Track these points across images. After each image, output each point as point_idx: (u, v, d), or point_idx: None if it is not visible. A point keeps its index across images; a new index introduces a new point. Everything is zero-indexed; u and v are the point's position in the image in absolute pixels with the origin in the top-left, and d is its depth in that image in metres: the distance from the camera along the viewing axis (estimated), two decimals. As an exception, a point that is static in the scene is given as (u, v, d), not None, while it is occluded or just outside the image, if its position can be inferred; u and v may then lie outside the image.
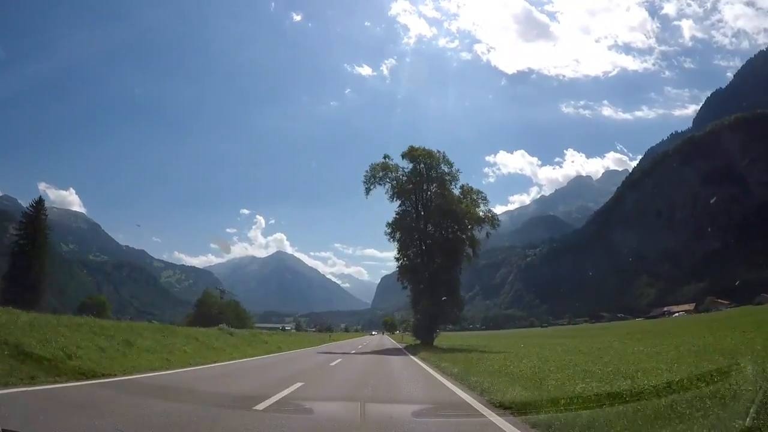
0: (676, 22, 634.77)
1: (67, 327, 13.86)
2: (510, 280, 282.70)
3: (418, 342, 36.43)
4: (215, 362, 16.41)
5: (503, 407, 6.87)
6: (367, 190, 36.87)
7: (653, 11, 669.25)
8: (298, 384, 10.14)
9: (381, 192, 37.05)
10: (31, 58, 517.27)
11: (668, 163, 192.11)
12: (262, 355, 23.13)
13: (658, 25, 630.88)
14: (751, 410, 4.21)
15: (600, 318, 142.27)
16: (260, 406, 6.91)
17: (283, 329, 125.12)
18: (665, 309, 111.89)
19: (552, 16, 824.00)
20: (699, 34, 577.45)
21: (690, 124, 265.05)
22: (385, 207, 37.28)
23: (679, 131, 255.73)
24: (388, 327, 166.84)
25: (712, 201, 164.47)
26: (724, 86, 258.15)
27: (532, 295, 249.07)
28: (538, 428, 5.51)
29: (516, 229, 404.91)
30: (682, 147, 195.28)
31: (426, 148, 37.30)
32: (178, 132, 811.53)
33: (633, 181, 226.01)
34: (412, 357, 22.49)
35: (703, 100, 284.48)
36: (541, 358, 15.49)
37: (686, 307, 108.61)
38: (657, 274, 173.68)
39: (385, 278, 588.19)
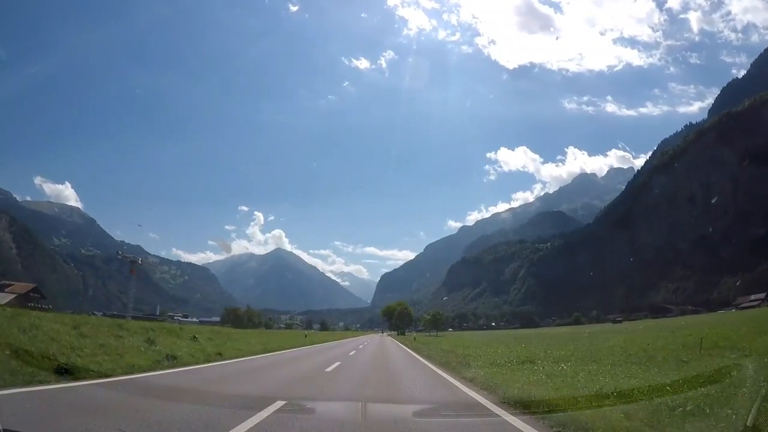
0: (682, 15, 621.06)
1: None
2: (521, 276, 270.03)
3: None
4: None
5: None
6: None
7: (660, 2, 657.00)
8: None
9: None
10: (29, 53, 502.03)
11: (703, 142, 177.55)
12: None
13: (665, 17, 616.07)
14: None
15: (665, 312, 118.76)
16: None
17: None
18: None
19: (556, 6, 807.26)
20: (706, 27, 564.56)
21: (705, 116, 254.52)
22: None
23: (694, 123, 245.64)
24: (394, 323, 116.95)
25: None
26: (731, 81, 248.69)
27: (546, 290, 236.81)
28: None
29: (520, 226, 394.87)
30: (719, 124, 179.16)
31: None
32: (176, 128, 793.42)
33: (661, 165, 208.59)
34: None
35: (709, 97, 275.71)
36: None
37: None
38: (691, 266, 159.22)
39: (385, 276, 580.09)
